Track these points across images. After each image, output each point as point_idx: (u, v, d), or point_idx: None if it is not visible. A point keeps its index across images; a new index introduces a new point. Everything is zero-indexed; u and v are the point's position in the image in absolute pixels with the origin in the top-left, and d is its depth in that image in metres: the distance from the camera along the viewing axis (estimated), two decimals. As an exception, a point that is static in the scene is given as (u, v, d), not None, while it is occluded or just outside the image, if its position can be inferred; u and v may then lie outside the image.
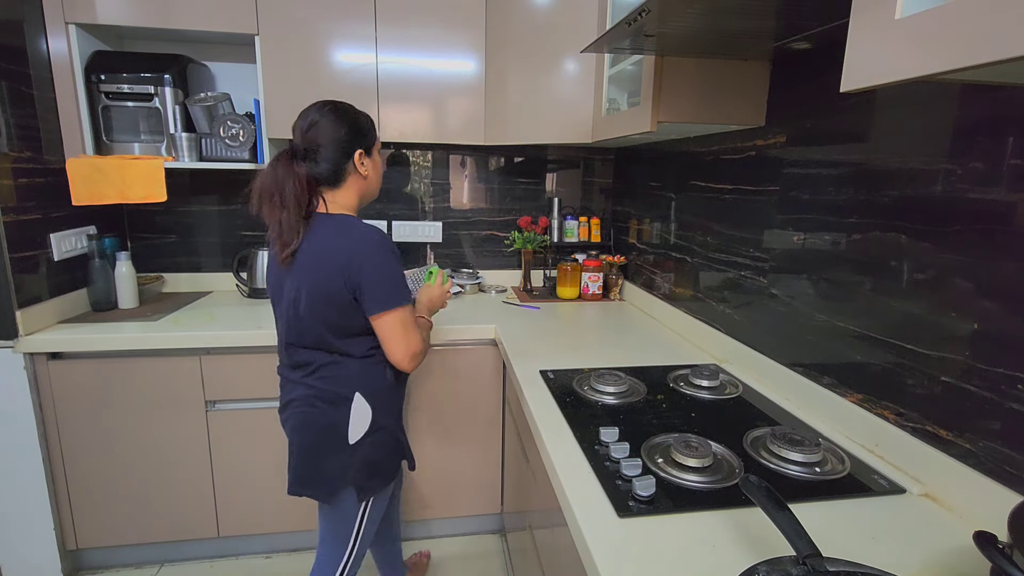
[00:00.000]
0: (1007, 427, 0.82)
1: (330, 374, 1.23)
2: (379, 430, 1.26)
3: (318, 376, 1.24)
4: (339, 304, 1.17)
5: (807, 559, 0.65)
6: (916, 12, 0.58)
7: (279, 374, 1.33)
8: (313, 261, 1.17)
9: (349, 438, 1.23)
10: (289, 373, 1.29)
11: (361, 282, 1.16)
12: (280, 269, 1.23)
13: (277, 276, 1.26)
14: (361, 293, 1.17)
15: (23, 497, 1.75)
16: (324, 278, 1.16)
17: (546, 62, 1.97)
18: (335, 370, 1.23)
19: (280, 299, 1.25)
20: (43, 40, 1.78)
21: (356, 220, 1.22)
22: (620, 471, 0.96)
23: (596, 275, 2.27)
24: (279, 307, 1.27)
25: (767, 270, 1.39)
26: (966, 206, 0.87)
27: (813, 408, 1.21)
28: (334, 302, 1.17)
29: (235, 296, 2.23)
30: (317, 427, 1.24)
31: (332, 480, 1.24)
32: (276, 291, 1.27)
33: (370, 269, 1.16)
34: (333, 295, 1.17)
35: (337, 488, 1.25)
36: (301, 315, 1.20)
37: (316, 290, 1.17)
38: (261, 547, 2.02)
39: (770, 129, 1.38)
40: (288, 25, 1.92)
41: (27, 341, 1.65)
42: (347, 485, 1.25)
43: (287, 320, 1.24)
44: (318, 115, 1.21)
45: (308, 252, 1.18)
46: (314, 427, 1.24)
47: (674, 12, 0.96)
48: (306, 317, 1.20)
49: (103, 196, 1.86)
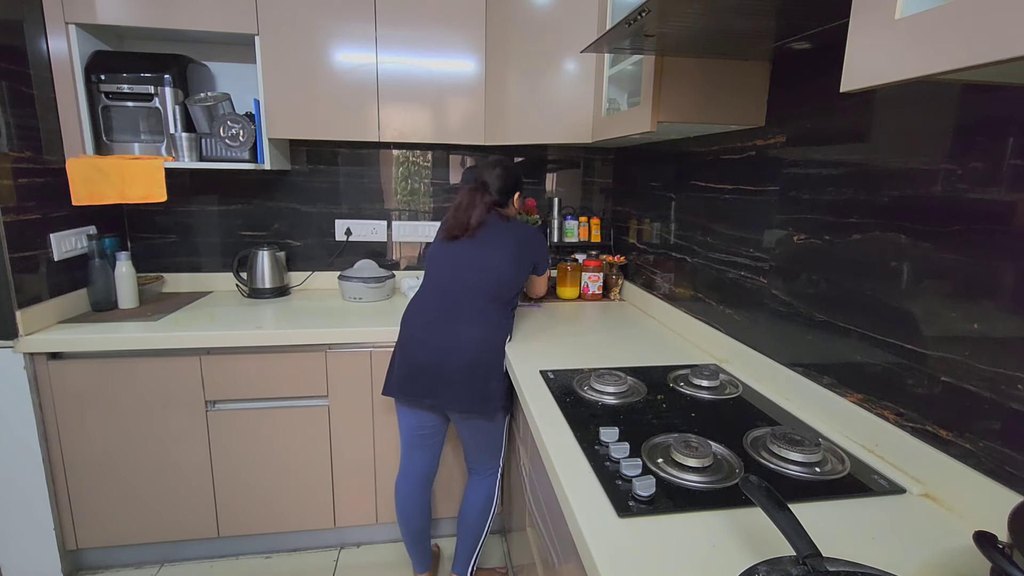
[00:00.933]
0: (1007, 427, 0.82)
1: (496, 322, 1.65)
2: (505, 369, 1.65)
3: (491, 323, 1.64)
4: (522, 270, 1.72)
5: (807, 559, 0.65)
6: (916, 12, 0.58)
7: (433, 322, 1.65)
8: (506, 242, 1.68)
9: (503, 370, 1.64)
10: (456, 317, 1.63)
11: (537, 257, 1.78)
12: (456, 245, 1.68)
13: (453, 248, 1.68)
14: (536, 262, 1.78)
15: (23, 497, 1.75)
16: (516, 255, 1.69)
17: (546, 62, 1.97)
18: (500, 318, 1.67)
19: (455, 265, 1.67)
20: (43, 40, 1.78)
21: (521, 223, 1.80)
22: (620, 471, 0.95)
23: (596, 275, 2.27)
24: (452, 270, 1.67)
25: (767, 270, 1.39)
26: (966, 206, 0.87)
27: (813, 408, 1.21)
28: (520, 270, 1.71)
29: (235, 296, 2.23)
30: (487, 362, 1.61)
31: (496, 399, 1.63)
32: (448, 259, 1.68)
33: (541, 249, 1.80)
34: (521, 265, 1.71)
35: (497, 407, 1.64)
36: (494, 277, 1.65)
37: (511, 261, 1.67)
38: (261, 547, 2.02)
39: (770, 129, 1.38)
40: (288, 25, 1.92)
41: (27, 341, 1.65)
42: (502, 406, 1.65)
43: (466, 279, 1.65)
44: (504, 170, 1.75)
45: (501, 237, 1.68)
46: (485, 362, 1.61)
47: (674, 12, 0.96)
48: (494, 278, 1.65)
49: (103, 196, 1.86)
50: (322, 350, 1.84)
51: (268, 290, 2.22)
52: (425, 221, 2.45)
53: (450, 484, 2.02)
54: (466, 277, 1.65)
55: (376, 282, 2.18)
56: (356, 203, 2.39)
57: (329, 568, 1.96)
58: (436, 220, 2.46)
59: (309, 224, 2.37)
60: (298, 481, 1.92)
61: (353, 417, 1.91)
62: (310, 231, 2.37)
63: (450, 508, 2.04)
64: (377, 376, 1.88)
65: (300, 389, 1.85)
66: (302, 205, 2.35)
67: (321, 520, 1.96)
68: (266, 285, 2.22)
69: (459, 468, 2.00)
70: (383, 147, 2.36)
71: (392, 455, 1.95)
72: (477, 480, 1.77)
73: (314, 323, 1.88)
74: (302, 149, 2.30)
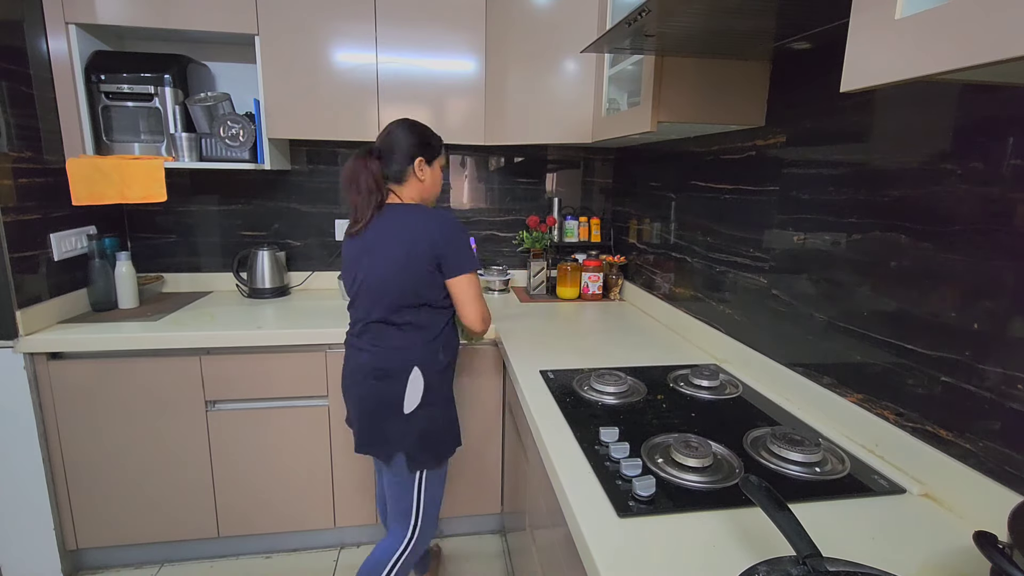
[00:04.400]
0: (1007, 427, 0.82)
1: (395, 345, 1.39)
2: (431, 405, 1.41)
3: (384, 346, 1.40)
4: (419, 273, 1.36)
5: (807, 559, 0.65)
6: (916, 12, 0.58)
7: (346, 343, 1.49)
8: (394, 238, 1.36)
9: (405, 408, 1.38)
10: (356, 340, 1.44)
11: (445, 252, 1.36)
12: (356, 245, 1.42)
13: (354, 251, 1.43)
14: (444, 260, 1.36)
15: (23, 497, 1.75)
16: (405, 253, 1.35)
17: (546, 62, 1.97)
18: (399, 342, 1.39)
19: (354, 272, 1.42)
20: (43, 40, 1.78)
21: (422, 208, 1.42)
22: (620, 471, 0.96)
23: (596, 275, 2.27)
24: (353, 280, 1.44)
25: (767, 270, 1.39)
26: (966, 206, 0.87)
27: (813, 408, 1.21)
28: (415, 272, 1.36)
29: (235, 296, 2.23)
30: (379, 394, 1.39)
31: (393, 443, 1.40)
32: (351, 264, 1.44)
33: (451, 241, 1.37)
34: (415, 266, 1.35)
35: (394, 453, 1.40)
36: (373, 286, 1.38)
37: (400, 263, 1.35)
38: (261, 547, 2.02)
39: (770, 129, 1.38)
40: (288, 25, 1.92)
41: (27, 341, 1.65)
42: (406, 454, 1.40)
43: (358, 290, 1.42)
44: (395, 126, 1.45)
45: (387, 231, 1.37)
46: (376, 395, 1.39)
47: (674, 12, 0.96)
48: (380, 286, 1.38)
49: (103, 196, 1.86)
50: (322, 350, 1.84)
51: (268, 290, 2.22)
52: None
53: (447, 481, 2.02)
54: (359, 285, 1.41)
55: (376, 282, 2.18)
56: (356, 203, 2.39)
57: (329, 568, 1.96)
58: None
59: (309, 224, 2.37)
60: (298, 481, 1.92)
61: (353, 417, 1.91)
62: (310, 231, 2.37)
63: (442, 507, 2.03)
64: (377, 376, 1.88)
65: (300, 389, 1.85)
66: (302, 205, 2.35)
67: (321, 520, 1.96)
68: (266, 285, 2.22)
69: (453, 463, 1.99)
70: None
71: (392, 455, 1.95)
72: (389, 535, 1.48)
73: (314, 323, 1.88)
74: (302, 149, 2.30)
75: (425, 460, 1.43)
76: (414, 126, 1.46)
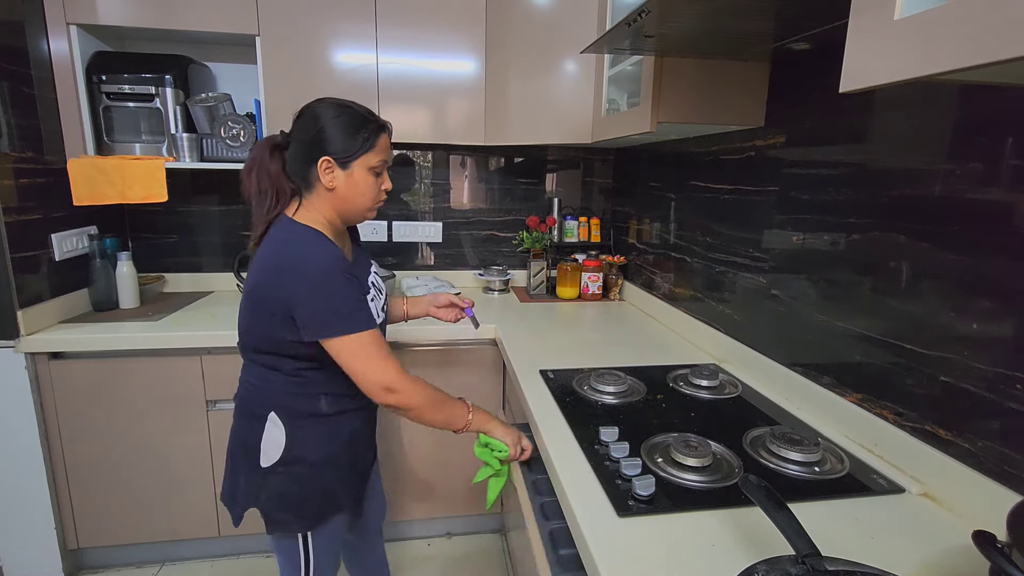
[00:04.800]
0: (1006, 427, 0.82)
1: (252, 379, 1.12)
2: (296, 463, 1.10)
3: (245, 379, 1.14)
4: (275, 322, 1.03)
5: (806, 558, 0.65)
6: (915, 12, 0.58)
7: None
8: (255, 268, 1.05)
9: (261, 460, 1.10)
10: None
11: (294, 310, 1.00)
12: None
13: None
14: (299, 322, 1.01)
15: (24, 496, 1.75)
16: (259, 295, 1.04)
17: (546, 62, 1.97)
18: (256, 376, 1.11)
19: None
20: (44, 41, 1.79)
21: (300, 237, 1.03)
22: (620, 471, 0.96)
23: (596, 275, 2.27)
24: None
25: (767, 270, 1.39)
26: (966, 206, 0.87)
27: (812, 408, 1.21)
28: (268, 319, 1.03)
29: (236, 296, 2.23)
30: (236, 435, 1.15)
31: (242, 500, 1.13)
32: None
33: (300, 298, 0.99)
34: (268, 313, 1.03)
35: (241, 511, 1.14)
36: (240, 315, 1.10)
37: (253, 303, 1.06)
38: (261, 547, 2.02)
39: (769, 129, 1.38)
40: (289, 25, 1.92)
41: (28, 341, 1.65)
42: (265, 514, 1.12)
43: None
44: (307, 107, 1.07)
45: (257, 259, 1.06)
46: (234, 434, 1.15)
47: (674, 12, 0.97)
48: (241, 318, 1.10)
49: (104, 196, 1.86)
50: (322, 350, 1.84)
51: (269, 290, 2.22)
52: (425, 221, 2.45)
53: (444, 481, 2.01)
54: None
55: (376, 282, 2.19)
56: (356, 203, 2.39)
57: (329, 568, 1.96)
58: (436, 220, 2.46)
59: (309, 224, 2.37)
60: (298, 481, 1.91)
61: (353, 417, 1.91)
62: (310, 231, 2.37)
63: (442, 507, 2.03)
64: (377, 376, 1.88)
65: (300, 389, 1.85)
66: (303, 205, 2.34)
67: (321, 520, 1.96)
68: (267, 285, 2.22)
69: (453, 463, 1.99)
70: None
71: (391, 455, 1.95)
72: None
73: (314, 323, 1.88)
74: (303, 149, 2.30)
75: (286, 523, 1.12)
76: (328, 109, 1.05)
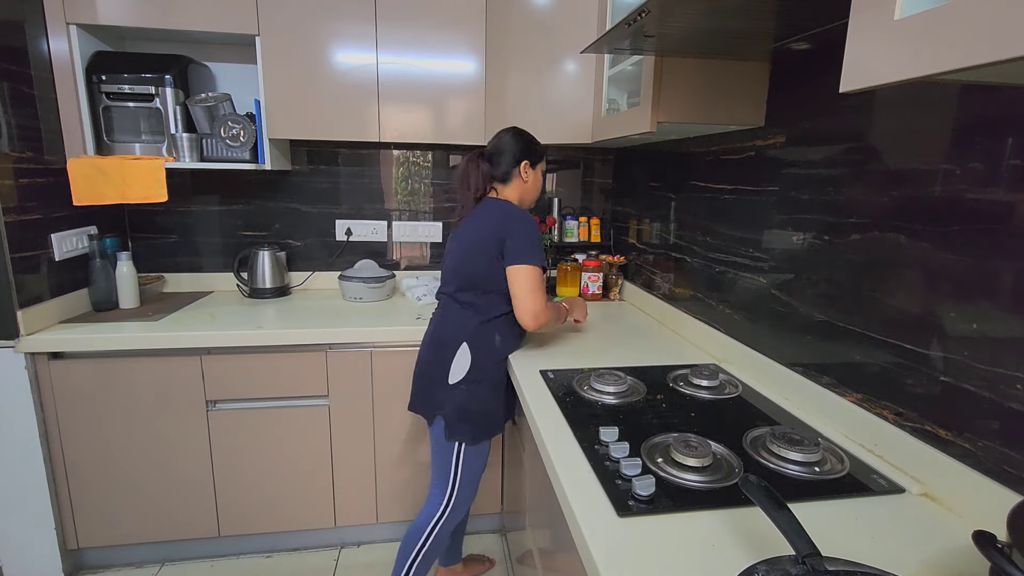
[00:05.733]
0: (1006, 427, 0.82)
1: (452, 319, 1.53)
2: (475, 382, 1.50)
3: (445, 319, 1.55)
4: (486, 258, 1.47)
5: (806, 558, 0.65)
6: (915, 12, 0.58)
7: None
8: (476, 226, 1.51)
9: (450, 378, 1.49)
10: (433, 314, 1.62)
11: (507, 239, 1.45)
12: (453, 235, 1.60)
13: (450, 240, 1.62)
14: (505, 247, 1.45)
15: (24, 496, 1.75)
16: (477, 238, 1.50)
17: (546, 62, 1.97)
18: (457, 317, 1.52)
19: (447, 252, 1.61)
20: (44, 40, 1.79)
21: (510, 203, 1.55)
22: (620, 471, 0.96)
23: (596, 275, 2.27)
24: (443, 263, 1.62)
25: (767, 270, 1.39)
26: (966, 206, 0.87)
27: (812, 408, 1.21)
28: (482, 257, 1.48)
29: (236, 296, 2.24)
30: (432, 361, 1.53)
31: (436, 407, 1.52)
32: (447, 251, 1.63)
33: (515, 230, 1.46)
34: (483, 251, 1.48)
35: (435, 416, 1.52)
36: (450, 267, 1.56)
37: (472, 247, 1.50)
38: (261, 547, 2.02)
39: (769, 129, 1.38)
40: (289, 25, 1.92)
41: (28, 341, 1.65)
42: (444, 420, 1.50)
43: (443, 271, 1.61)
44: (505, 132, 1.61)
45: (473, 221, 1.53)
46: (429, 360, 1.55)
47: (674, 12, 0.97)
48: (454, 267, 1.54)
49: (104, 196, 1.86)
50: (322, 350, 1.84)
51: (269, 290, 2.23)
52: (425, 221, 2.45)
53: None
54: (446, 266, 1.60)
55: (376, 282, 2.19)
56: (356, 203, 2.39)
57: (329, 568, 1.96)
58: (436, 220, 2.46)
59: (310, 224, 2.37)
60: (298, 481, 1.92)
61: (353, 417, 1.91)
62: (311, 231, 2.38)
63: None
64: (378, 376, 1.88)
65: (301, 389, 1.86)
66: (302, 205, 2.35)
67: (321, 520, 1.97)
68: (267, 285, 2.22)
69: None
70: (383, 147, 2.36)
71: (392, 455, 1.95)
72: (430, 499, 1.60)
73: (315, 323, 1.88)
74: (302, 149, 2.30)
75: (461, 432, 1.50)
76: (522, 133, 1.61)
